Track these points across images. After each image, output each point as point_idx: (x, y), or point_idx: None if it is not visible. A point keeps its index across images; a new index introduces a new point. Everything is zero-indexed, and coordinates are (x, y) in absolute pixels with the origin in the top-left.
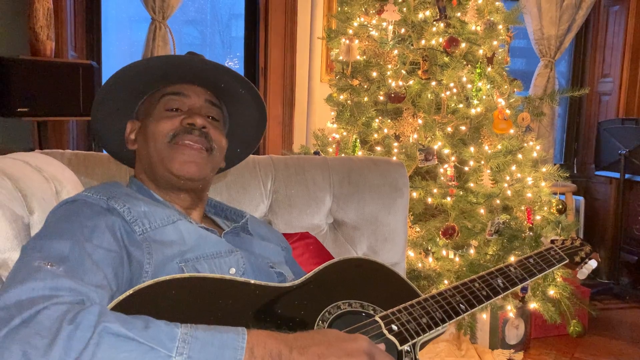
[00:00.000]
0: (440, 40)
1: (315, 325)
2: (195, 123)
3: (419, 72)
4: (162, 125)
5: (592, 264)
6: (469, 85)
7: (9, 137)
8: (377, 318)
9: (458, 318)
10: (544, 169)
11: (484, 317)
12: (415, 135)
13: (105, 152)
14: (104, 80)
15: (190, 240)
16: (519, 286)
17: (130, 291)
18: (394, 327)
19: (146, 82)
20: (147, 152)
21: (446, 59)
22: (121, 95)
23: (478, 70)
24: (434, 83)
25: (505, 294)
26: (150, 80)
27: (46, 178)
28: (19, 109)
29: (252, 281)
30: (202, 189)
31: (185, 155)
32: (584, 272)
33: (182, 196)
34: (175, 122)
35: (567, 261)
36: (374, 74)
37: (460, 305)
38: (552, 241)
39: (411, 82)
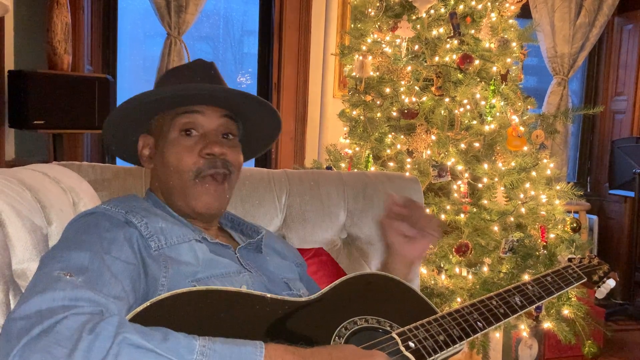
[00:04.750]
0: (454, 57)
1: (332, 340)
2: (214, 153)
3: (433, 88)
4: (184, 160)
5: (611, 283)
6: (483, 102)
7: (25, 149)
8: (394, 334)
9: (476, 336)
10: (558, 187)
11: (497, 336)
12: (429, 152)
13: (119, 165)
14: (118, 94)
15: (204, 260)
16: (537, 304)
17: (148, 303)
18: (411, 344)
19: (158, 107)
20: (169, 181)
21: (460, 76)
22: (135, 114)
23: (492, 87)
24: (447, 99)
25: (523, 312)
26: (163, 106)
27: (64, 189)
28: (35, 122)
29: (269, 295)
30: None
31: (209, 194)
32: (602, 291)
33: (198, 219)
34: (194, 154)
35: (585, 280)
36: (387, 90)
37: (478, 323)
38: (570, 259)
39: (424, 99)
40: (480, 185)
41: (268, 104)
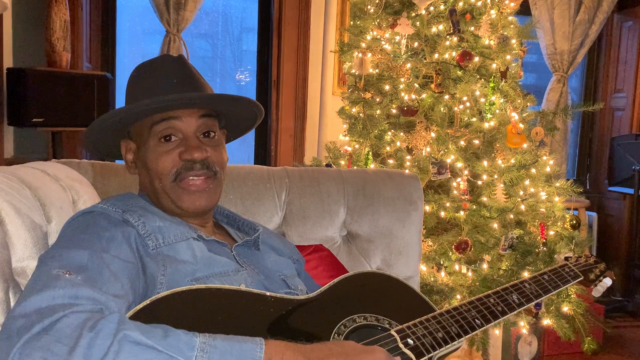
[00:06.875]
0: (454, 54)
1: (331, 337)
2: (194, 159)
3: (432, 85)
4: (163, 164)
5: (607, 281)
6: (482, 99)
7: (24, 147)
8: (392, 332)
9: (473, 333)
10: (557, 184)
11: (497, 332)
12: (428, 149)
13: (118, 162)
14: (117, 92)
15: (202, 259)
16: (534, 302)
17: (148, 301)
18: (410, 341)
19: (135, 117)
20: (153, 186)
21: (459, 73)
22: (113, 125)
23: (491, 84)
24: (447, 96)
25: (520, 309)
26: (139, 116)
27: (63, 187)
28: (34, 119)
29: (268, 293)
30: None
31: (193, 192)
32: (599, 289)
33: (190, 217)
34: (173, 157)
35: (581, 278)
36: (387, 87)
37: (476, 320)
38: (566, 258)
39: (424, 96)
40: (479, 183)
41: (243, 99)
